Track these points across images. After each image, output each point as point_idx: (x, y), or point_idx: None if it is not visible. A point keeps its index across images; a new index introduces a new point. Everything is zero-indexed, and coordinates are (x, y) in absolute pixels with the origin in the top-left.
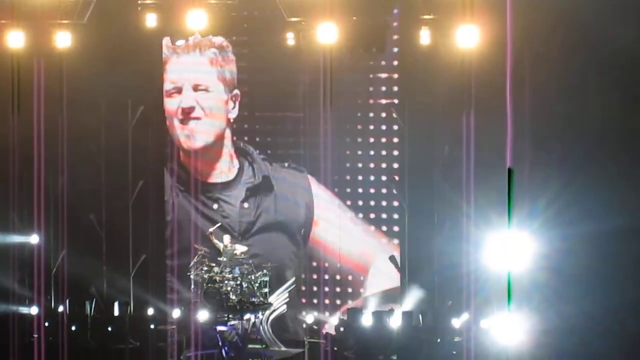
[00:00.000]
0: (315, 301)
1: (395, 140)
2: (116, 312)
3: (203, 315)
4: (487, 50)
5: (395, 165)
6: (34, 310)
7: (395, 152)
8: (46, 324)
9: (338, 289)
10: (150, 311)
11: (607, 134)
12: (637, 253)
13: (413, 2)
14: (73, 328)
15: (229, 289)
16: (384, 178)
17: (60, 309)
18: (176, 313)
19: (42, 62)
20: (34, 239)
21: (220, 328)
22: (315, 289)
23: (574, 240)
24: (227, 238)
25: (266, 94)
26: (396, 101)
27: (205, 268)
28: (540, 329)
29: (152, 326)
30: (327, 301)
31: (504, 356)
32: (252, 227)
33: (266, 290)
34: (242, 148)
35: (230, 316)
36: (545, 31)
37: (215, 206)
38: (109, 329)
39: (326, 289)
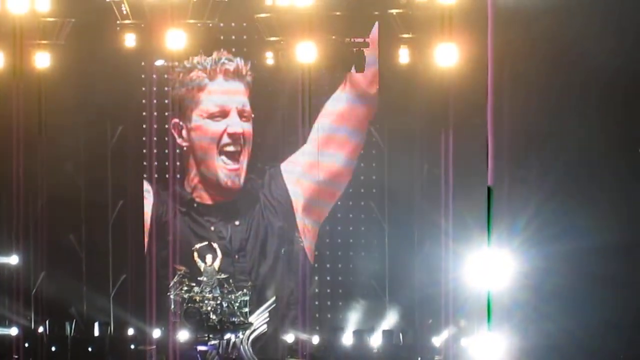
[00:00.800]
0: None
1: (375, 159)
2: (96, 333)
3: (183, 335)
4: (465, 68)
5: (375, 183)
6: (13, 331)
7: (375, 171)
8: (26, 345)
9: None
10: (131, 331)
11: (586, 151)
12: (616, 271)
13: (392, 21)
14: (53, 349)
15: (209, 308)
16: (362, 203)
17: (40, 329)
18: (156, 333)
19: (21, 83)
20: (13, 259)
21: (200, 348)
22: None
23: (554, 259)
24: (209, 258)
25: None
26: (375, 120)
27: (185, 288)
28: (521, 347)
29: (132, 346)
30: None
31: None
32: (245, 244)
33: (246, 309)
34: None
35: (211, 336)
36: (524, 49)
37: (212, 228)
38: (89, 349)
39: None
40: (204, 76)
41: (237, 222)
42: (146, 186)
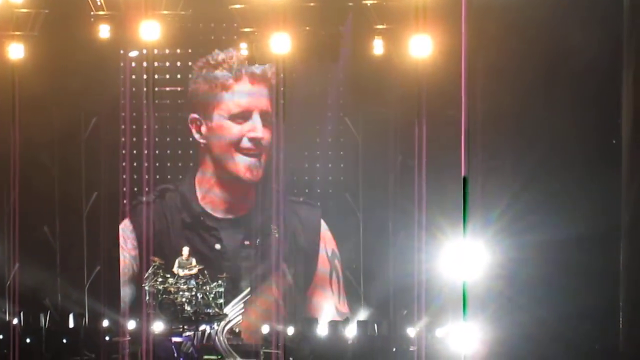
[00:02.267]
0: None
1: (349, 149)
2: (71, 324)
3: (158, 326)
4: (439, 60)
5: (349, 174)
6: None
7: (350, 161)
8: (0, 337)
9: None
10: (105, 323)
11: (560, 141)
12: (590, 261)
13: (366, 12)
14: (27, 340)
15: (184, 300)
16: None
17: (15, 321)
18: (131, 324)
19: None
20: None
21: (175, 339)
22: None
23: (528, 249)
24: (185, 250)
25: None
26: (350, 110)
27: (160, 279)
28: (495, 337)
29: (106, 338)
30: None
31: None
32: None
33: (221, 301)
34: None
35: (186, 327)
36: (498, 40)
37: (217, 246)
38: (64, 340)
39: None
40: (229, 75)
41: (246, 242)
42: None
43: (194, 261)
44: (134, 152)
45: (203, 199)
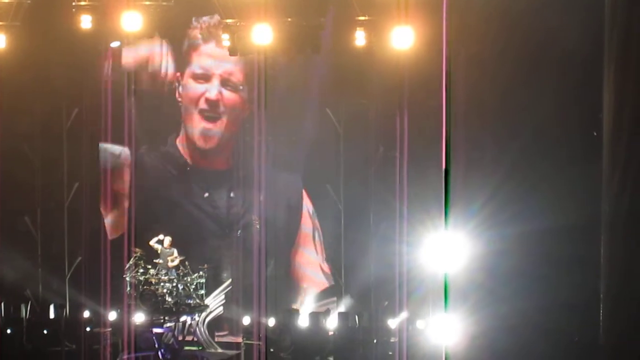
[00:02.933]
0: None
1: (331, 141)
2: (52, 315)
3: (139, 317)
4: (421, 51)
5: (331, 165)
6: None
7: (331, 152)
8: None
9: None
10: (86, 314)
11: (542, 132)
12: (571, 252)
13: (348, 3)
14: (8, 331)
15: (165, 290)
16: (318, 184)
17: None
18: (112, 315)
19: None
20: None
21: (156, 330)
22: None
23: (510, 241)
24: (167, 240)
25: None
26: (332, 101)
27: (141, 270)
28: (476, 329)
29: (87, 329)
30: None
31: (439, 356)
32: (239, 220)
33: (202, 292)
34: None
35: (167, 318)
36: (480, 31)
37: (206, 195)
38: (45, 331)
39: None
40: (199, 37)
41: (232, 194)
42: (119, 150)
43: (175, 252)
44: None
45: (185, 154)
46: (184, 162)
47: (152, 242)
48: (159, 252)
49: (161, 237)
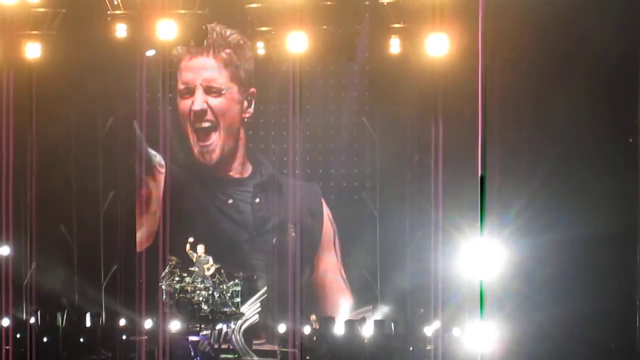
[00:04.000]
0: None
1: (366, 149)
2: (88, 323)
3: (175, 325)
4: (456, 58)
5: (367, 174)
6: (5, 322)
7: (367, 161)
8: (17, 336)
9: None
10: (122, 322)
11: (578, 139)
12: (608, 259)
13: (383, 11)
14: (45, 339)
15: (200, 299)
16: (355, 184)
17: (32, 320)
18: (148, 324)
19: (12, 73)
20: (4, 250)
21: (192, 338)
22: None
23: (546, 248)
24: (200, 248)
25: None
26: (367, 109)
27: (177, 278)
28: (512, 336)
29: (123, 337)
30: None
31: None
32: (266, 224)
33: (238, 299)
34: (252, 152)
35: (202, 326)
36: (515, 37)
37: (230, 201)
38: (81, 340)
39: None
40: (178, 53)
41: (257, 200)
42: (159, 159)
43: (210, 260)
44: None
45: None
46: (206, 170)
47: (187, 249)
48: (194, 260)
49: (191, 239)
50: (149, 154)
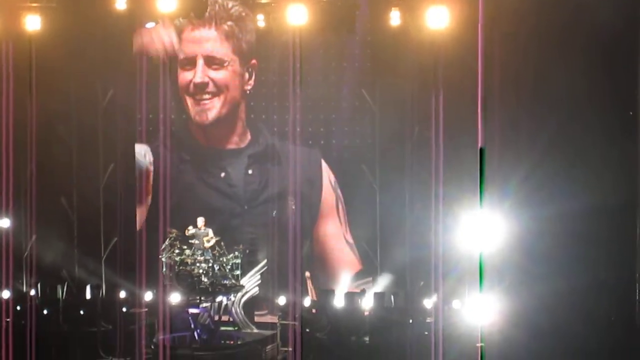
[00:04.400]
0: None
1: (366, 121)
2: (88, 296)
3: (175, 297)
4: (456, 31)
5: (366, 145)
6: (5, 294)
7: (366, 133)
8: (18, 308)
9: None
10: (122, 294)
11: (577, 111)
12: (607, 232)
13: None
14: (45, 312)
15: (200, 271)
16: (353, 165)
17: (32, 292)
18: (148, 296)
19: (11, 45)
20: (4, 222)
21: (192, 310)
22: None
23: (546, 221)
24: (200, 220)
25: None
26: (367, 81)
27: (177, 251)
28: (512, 308)
29: (124, 309)
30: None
31: (475, 336)
32: (258, 196)
33: (238, 272)
34: (254, 122)
35: (202, 298)
36: (514, 10)
37: (222, 174)
38: (81, 312)
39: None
40: (183, 23)
41: (249, 171)
42: (139, 149)
43: (210, 232)
44: (150, 128)
45: (197, 135)
46: (197, 144)
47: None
48: (194, 233)
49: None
50: (138, 160)
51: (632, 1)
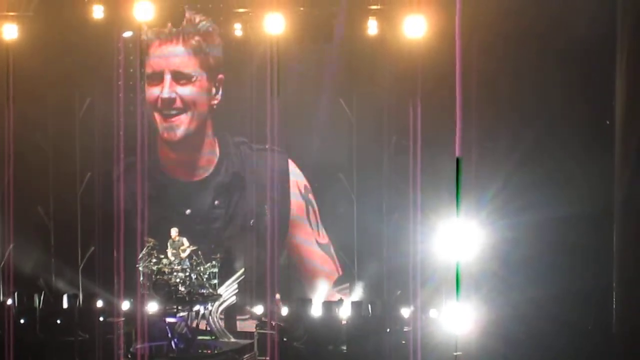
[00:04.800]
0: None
1: (343, 130)
2: (65, 305)
3: (152, 307)
4: (434, 40)
5: (344, 154)
6: None
7: (344, 142)
8: None
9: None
10: (99, 303)
11: (555, 121)
12: (584, 241)
13: None
14: (22, 321)
15: (178, 280)
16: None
17: (9, 301)
18: (125, 305)
19: None
20: None
21: (169, 320)
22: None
23: (522, 229)
24: (174, 231)
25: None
26: (344, 90)
27: (154, 260)
28: (489, 317)
29: (101, 318)
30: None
31: (452, 345)
32: (222, 232)
33: (215, 281)
34: (222, 135)
35: (180, 307)
36: (492, 20)
37: (188, 211)
38: (58, 321)
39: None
40: (150, 38)
41: (216, 202)
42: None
43: (185, 241)
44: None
45: (164, 167)
46: (163, 180)
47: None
48: (168, 244)
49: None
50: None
51: (609, 12)
